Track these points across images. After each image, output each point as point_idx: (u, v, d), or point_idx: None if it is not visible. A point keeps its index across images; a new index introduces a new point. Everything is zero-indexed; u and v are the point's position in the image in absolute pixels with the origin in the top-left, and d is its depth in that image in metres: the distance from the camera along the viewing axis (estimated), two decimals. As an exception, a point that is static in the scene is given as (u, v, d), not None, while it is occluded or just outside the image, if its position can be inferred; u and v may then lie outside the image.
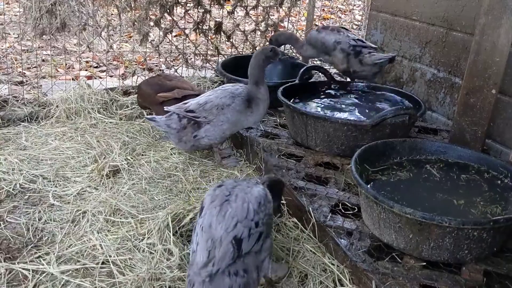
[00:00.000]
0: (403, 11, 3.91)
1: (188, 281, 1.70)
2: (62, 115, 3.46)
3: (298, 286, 2.03)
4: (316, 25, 4.69)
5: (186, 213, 2.30)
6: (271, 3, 4.61)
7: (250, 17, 4.69)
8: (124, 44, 5.35)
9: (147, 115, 3.53)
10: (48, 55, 4.57)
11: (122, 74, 4.52)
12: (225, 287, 1.65)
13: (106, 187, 2.66)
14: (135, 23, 3.87)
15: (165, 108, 2.87)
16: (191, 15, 4.20)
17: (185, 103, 2.87)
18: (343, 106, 3.24)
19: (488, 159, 2.45)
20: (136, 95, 3.59)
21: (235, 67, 3.78)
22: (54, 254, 2.10)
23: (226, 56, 4.48)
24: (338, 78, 3.73)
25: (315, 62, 5.11)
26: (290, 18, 5.02)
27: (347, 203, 2.36)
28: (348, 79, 3.68)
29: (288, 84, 3.28)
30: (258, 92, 2.83)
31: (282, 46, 4.33)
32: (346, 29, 3.69)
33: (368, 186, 2.10)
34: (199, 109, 2.80)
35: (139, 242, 2.20)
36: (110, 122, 3.45)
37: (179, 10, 4.49)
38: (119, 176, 2.78)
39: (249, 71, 2.83)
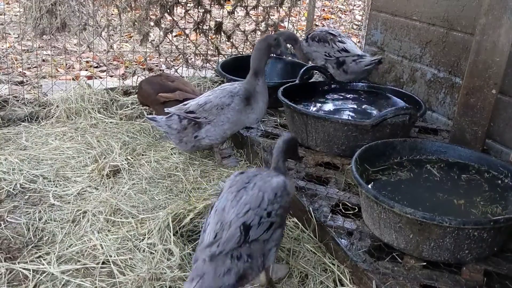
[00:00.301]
0: (404, 11, 3.91)
1: (193, 258, 1.73)
2: (62, 115, 3.46)
3: (299, 286, 2.03)
4: (317, 25, 4.69)
5: (187, 213, 2.30)
6: (271, 3, 4.62)
7: (250, 17, 4.69)
8: (124, 44, 5.35)
9: (147, 114, 3.53)
10: (48, 55, 4.57)
11: (122, 74, 4.52)
12: (224, 268, 1.67)
13: (106, 187, 2.66)
14: (135, 23, 3.87)
15: (165, 110, 2.87)
16: (191, 15, 4.20)
17: (185, 104, 2.87)
18: (343, 106, 3.24)
19: (489, 159, 2.45)
20: (136, 94, 3.59)
21: (235, 68, 3.77)
22: (54, 254, 2.10)
23: (226, 56, 4.48)
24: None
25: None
26: (290, 18, 5.02)
27: (348, 203, 2.36)
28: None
29: (288, 84, 3.28)
30: (257, 85, 2.81)
31: (283, 46, 4.33)
32: (334, 35, 3.70)
33: (369, 186, 2.10)
34: (199, 110, 2.80)
35: (139, 242, 2.21)
36: (111, 122, 3.45)
37: (179, 10, 4.49)
38: (119, 176, 2.78)
39: (251, 60, 2.82)
